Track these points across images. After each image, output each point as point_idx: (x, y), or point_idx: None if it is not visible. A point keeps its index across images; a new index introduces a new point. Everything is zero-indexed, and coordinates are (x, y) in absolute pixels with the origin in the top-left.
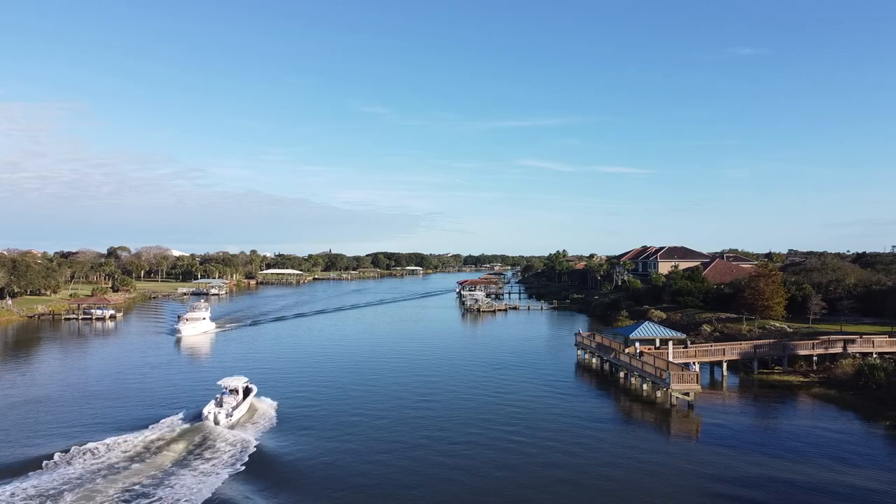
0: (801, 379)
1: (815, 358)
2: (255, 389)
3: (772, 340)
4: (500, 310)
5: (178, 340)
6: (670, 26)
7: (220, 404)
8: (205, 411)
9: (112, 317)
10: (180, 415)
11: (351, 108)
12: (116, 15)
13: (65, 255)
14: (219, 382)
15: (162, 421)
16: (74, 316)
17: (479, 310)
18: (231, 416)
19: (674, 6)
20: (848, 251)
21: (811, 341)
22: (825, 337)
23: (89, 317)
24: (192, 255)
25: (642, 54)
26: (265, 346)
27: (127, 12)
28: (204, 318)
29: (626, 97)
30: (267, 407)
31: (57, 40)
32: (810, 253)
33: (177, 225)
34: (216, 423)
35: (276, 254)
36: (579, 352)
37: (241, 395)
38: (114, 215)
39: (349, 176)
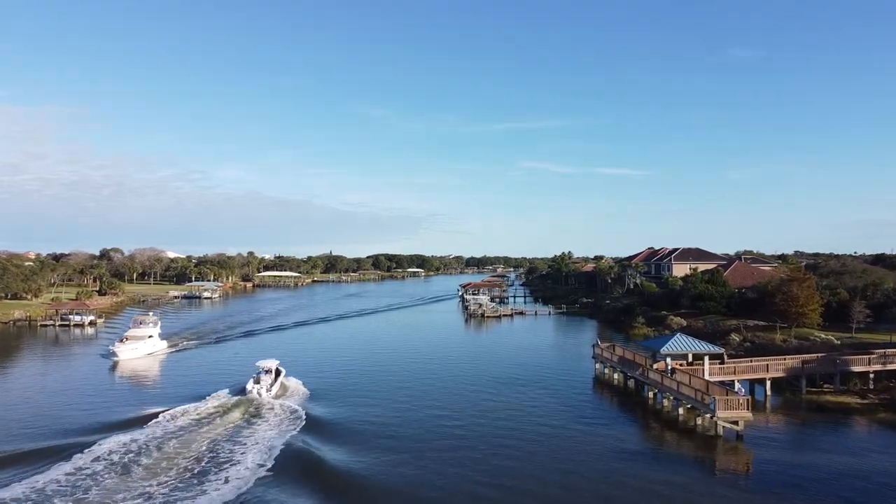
0: (859, 401)
1: (871, 375)
2: (283, 371)
3: (820, 354)
4: (505, 315)
5: (114, 365)
6: (670, 27)
7: (257, 381)
8: (248, 387)
9: (92, 323)
10: (226, 390)
11: (352, 109)
12: (117, 18)
13: (56, 258)
14: (256, 364)
15: (214, 394)
16: (52, 322)
17: (483, 315)
18: (270, 390)
19: (674, 9)
20: (855, 252)
21: (866, 356)
22: (881, 351)
23: (67, 323)
24: (189, 257)
25: (642, 55)
26: (241, 366)
27: (128, 15)
28: (150, 337)
29: (627, 99)
30: (296, 384)
31: (58, 44)
32: (817, 254)
33: (177, 227)
34: (259, 395)
35: (276, 255)
36: (597, 365)
37: (273, 375)
38: (114, 217)
39: (350, 177)
